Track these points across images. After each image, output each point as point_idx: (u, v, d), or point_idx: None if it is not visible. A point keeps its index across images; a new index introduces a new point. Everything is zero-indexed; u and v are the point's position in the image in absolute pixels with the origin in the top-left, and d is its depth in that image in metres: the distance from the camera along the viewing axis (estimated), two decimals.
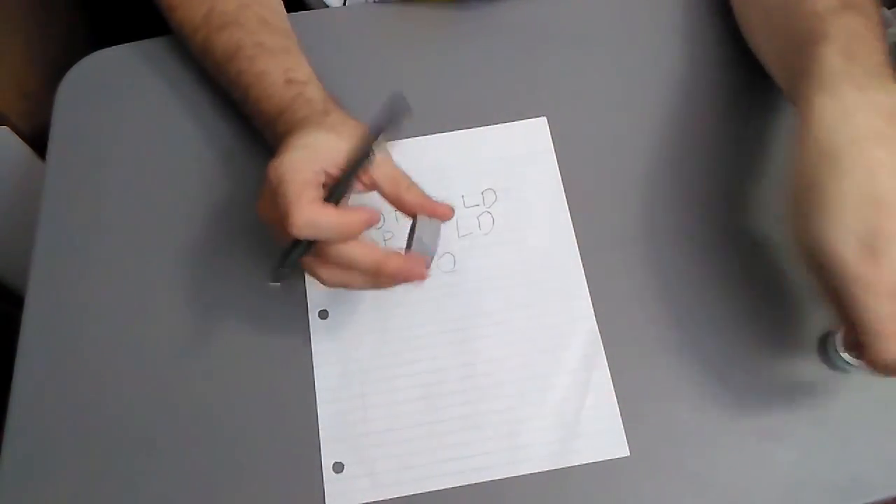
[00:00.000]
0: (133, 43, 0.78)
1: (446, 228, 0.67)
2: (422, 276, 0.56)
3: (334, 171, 0.56)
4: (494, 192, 0.69)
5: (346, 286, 0.58)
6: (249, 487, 0.60)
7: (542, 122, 0.72)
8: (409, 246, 0.58)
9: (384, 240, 0.67)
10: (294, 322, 0.65)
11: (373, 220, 0.55)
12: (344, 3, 0.79)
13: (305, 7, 0.81)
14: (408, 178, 0.59)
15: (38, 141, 0.86)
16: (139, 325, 0.66)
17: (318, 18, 0.79)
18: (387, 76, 0.75)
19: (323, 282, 0.57)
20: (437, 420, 0.62)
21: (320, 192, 0.55)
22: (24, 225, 0.78)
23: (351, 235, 0.54)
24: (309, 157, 0.56)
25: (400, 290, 0.65)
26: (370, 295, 0.66)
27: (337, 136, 0.58)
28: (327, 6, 0.79)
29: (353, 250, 0.55)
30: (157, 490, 0.61)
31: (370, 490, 0.60)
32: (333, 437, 0.61)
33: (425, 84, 0.75)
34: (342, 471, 0.60)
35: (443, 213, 0.59)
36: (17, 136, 0.85)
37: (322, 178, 0.56)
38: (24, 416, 0.64)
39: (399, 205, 0.58)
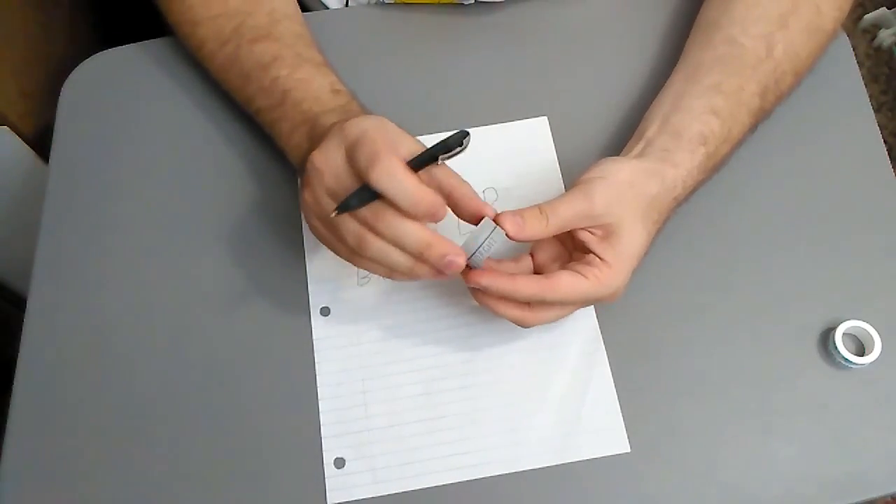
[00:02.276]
0: (137, 43, 0.78)
1: (447, 227, 0.68)
2: (458, 268, 0.55)
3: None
4: (495, 191, 0.69)
5: (383, 262, 0.56)
6: (252, 483, 0.60)
7: (543, 121, 0.72)
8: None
9: None
10: (296, 319, 0.65)
11: (440, 212, 0.54)
12: (346, 4, 0.79)
13: (305, 9, 0.81)
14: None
15: (38, 141, 0.86)
16: (140, 325, 0.66)
17: (319, 20, 0.79)
18: (388, 77, 0.75)
19: (363, 251, 0.55)
20: (438, 416, 0.62)
21: None
22: (24, 225, 0.79)
23: (416, 208, 0.53)
24: (386, 127, 0.56)
25: (400, 287, 0.66)
26: (372, 291, 0.66)
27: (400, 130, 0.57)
28: (326, 7, 0.80)
29: (406, 224, 0.54)
30: (159, 487, 0.61)
31: (371, 485, 0.60)
32: (335, 432, 0.61)
33: (426, 84, 0.75)
34: (343, 466, 0.60)
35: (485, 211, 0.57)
36: (17, 137, 0.85)
37: None
38: (26, 417, 0.64)
39: (452, 192, 0.57)
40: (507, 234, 0.56)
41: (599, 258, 0.57)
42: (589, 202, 0.57)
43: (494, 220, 0.56)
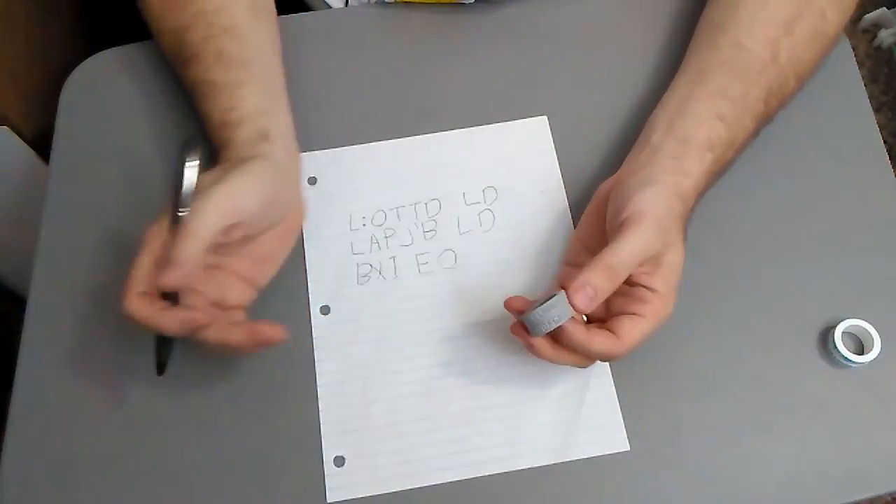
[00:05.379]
0: (137, 43, 0.78)
1: (447, 226, 0.68)
2: (279, 338, 0.57)
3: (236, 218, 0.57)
4: (495, 190, 0.69)
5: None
6: (251, 481, 0.60)
7: (543, 120, 0.72)
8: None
9: (385, 236, 0.68)
10: (296, 317, 0.65)
11: (190, 323, 0.55)
12: (346, 4, 0.80)
13: (307, 8, 0.81)
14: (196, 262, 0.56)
15: (38, 141, 0.86)
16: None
17: (320, 19, 0.79)
18: (388, 76, 0.76)
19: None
20: (437, 414, 0.62)
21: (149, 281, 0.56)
22: (24, 225, 0.79)
23: (168, 332, 0.56)
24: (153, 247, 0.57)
25: (400, 286, 0.66)
26: (372, 290, 0.66)
27: (205, 195, 0.57)
28: (329, 6, 0.80)
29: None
30: (159, 485, 0.61)
31: (371, 484, 0.60)
32: (334, 431, 0.61)
33: (427, 84, 0.75)
34: (343, 464, 0.60)
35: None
36: (17, 137, 0.85)
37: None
38: (25, 417, 0.64)
39: None
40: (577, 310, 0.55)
41: (650, 289, 0.57)
42: (650, 241, 0.56)
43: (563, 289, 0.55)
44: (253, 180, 0.59)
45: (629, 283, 0.57)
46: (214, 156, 0.63)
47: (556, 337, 0.56)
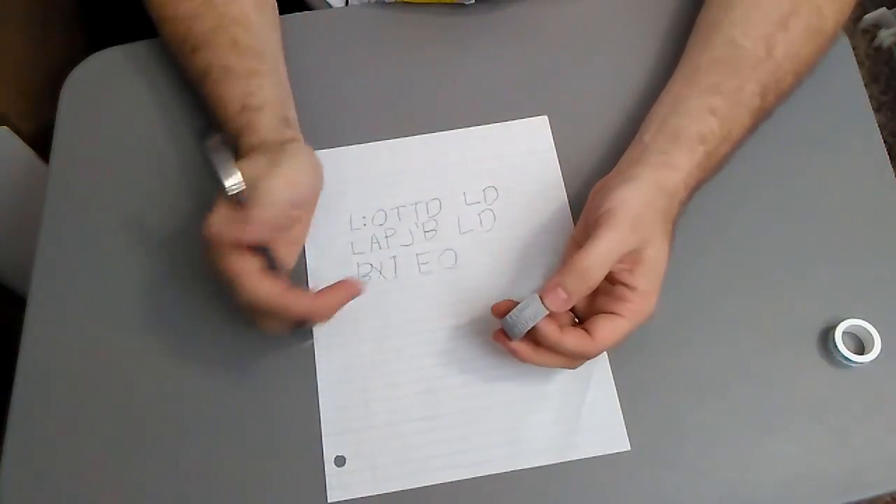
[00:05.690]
0: (137, 42, 0.78)
1: (447, 226, 0.68)
2: (356, 292, 0.60)
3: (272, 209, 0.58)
4: (496, 190, 0.70)
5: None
6: (252, 481, 0.60)
7: (543, 120, 0.72)
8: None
9: (385, 236, 0.68)
10: None
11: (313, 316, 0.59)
12: (346, 3, 0.80)
13: (307, 7, 0.81)
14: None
15: (38, 141, 0.86)
16: (140, 324, 0.66)
17: (320, 18, 0.79)
18: (388, 77, 0.76)
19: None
20: (438, 414, 0.62)
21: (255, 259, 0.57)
22: (24, 225, 0.79)
23: (291, 313, 0.57)
24: (235, 217, 0.57)
25: (401, 287, 0.66)
26: (372, 290, 0.66)
27: (272, 174, 0.58)
28: (330, 6, 0.80)
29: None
30: (159, 486, 0.61)
31: (371, 483, 0.60)
32: (335, 430, 0.61)
33: (427, 83, 0.75)
34: (344, 464, 0.60)
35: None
36: (17, 137, 0.85)
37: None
38: (26, 417, 0.64)
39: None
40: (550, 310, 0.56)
41: (630, 287, 0.57)
42: (623, 239, 0.56)
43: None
44: (303, 162, 0.61)
45: (611, 280, 0.57)
46: (230, 141, 0.64)
47: (534, 339, 0.57)
